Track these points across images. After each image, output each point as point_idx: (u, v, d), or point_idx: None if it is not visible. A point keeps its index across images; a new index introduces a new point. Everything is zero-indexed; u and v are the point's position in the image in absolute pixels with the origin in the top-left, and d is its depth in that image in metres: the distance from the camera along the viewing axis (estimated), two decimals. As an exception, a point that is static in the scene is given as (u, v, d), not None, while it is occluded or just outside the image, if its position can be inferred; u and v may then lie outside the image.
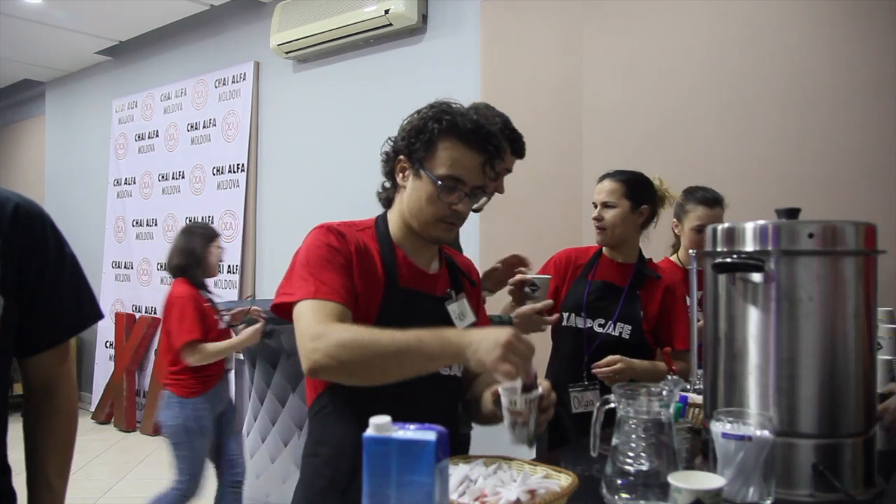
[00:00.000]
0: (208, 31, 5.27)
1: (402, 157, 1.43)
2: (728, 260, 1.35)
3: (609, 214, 2.24)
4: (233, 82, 5.05)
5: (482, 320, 1.59)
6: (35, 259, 1.19)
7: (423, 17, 3.93)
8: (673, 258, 2.61)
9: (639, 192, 2.27)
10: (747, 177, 2.75)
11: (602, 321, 2.25)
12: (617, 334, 2.24)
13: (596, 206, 2.27)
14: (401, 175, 1.45)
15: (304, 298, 1.30)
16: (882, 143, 2.49)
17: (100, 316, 1.33)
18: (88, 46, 5.93)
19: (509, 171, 2.04)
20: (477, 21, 3.69)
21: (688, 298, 2.39)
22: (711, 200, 2.52)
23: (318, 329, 1.25)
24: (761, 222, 1.34)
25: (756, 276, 1.32)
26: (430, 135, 1.39)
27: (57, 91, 6.92)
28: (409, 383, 1.26)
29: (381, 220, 1.49)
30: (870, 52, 2.51)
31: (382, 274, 1.39)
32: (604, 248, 2.33)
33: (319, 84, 4.44)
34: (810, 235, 1.30)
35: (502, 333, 1.15)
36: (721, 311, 1.41)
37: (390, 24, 3.91)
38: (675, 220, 2.60)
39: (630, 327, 2.24)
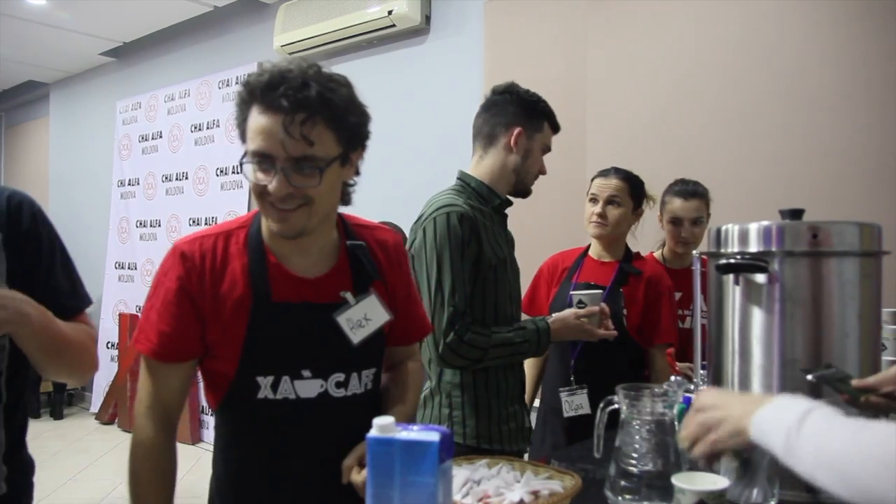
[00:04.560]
0: (212, 32, 5.28)
1: None
2: (732, 261, 1.34)
3: (615, 212, 2.26)
4: (236, 83, 5.04)
5: (411, 308, 1.39)
6: (30, 247, 1.25)
7: (427, 18, 3.93)
8: (657, 254, 2.56)
9: (639, 194, 2.31)
10: (751, 177, 2.74)
11: None
12: None
13: (597, 201, 2.28)
14: None
15: (143, 353, 1.23)
16: (886, 144, 2.48)
17: (90, 300, 1.36)
18: (92, 48, 5.94)
19: (548, 148, 1.94)
20: (480, 21, 3.69)
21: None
22: (688, 193, 2.44)
23: (137, 410, 1.24)
24: (765, 223, 1.34)
25: (760, 277, 1.32)
26: (239, 111, 1.20)
27: (61, 92, 6.93)
28: (295, 411, 1.21)
29: (256, 219, 1.26)
30: (873, 52, 2.50)
31: (247, 289, 1.19)
32: (590, 249, 2.36)
33: (323, 85, 4.44)
34: (814, 236, 1.30)
35: None
36: (725, 312, 1.40)
37: (393, 25, 3.91)
38: (659, 214, 2.53)
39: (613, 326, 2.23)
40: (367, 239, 1.33)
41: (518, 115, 1.86)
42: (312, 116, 1.10)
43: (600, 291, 2.02)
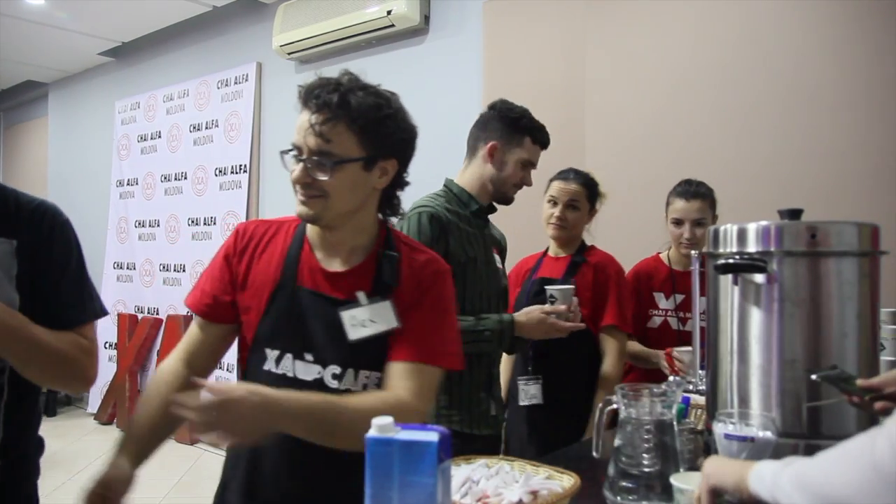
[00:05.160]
0: (211, 32, 5.27)
1: None
2: (731, 261, 1.35)
3: (573, 216, 2.40)
4: (235, 83, 5.05)
5: (414, 327, 1.32)
6: (42, 255, 1.32)
7: (426, 18, 3.93)
8: (662, 256, 2.55)
9: (594, 195, 2.44)
10: (750, 177, 2.74)
11: None
12: None
13: (556, 203, 2.39)
14: None
15: (187, 305, 1.41)
16: (885, 144, 2.48)
17: (98, 314, 1.40)
18: (91, 47, 5.93)
19: (531, 163, 2.04)
20: (479, 22, 3.69)
21: (660, 294, 2.49)
22: (689, 193, 2.42)
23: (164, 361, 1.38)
24: (764, 223, 1.34)
25: (759, 277, 1.32)
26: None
27: (60, 92, 6.93)
28: (293, 388, 1.23)
29: None
30: (873, 52, 2.50)
31: (278, 269, 1.34)
32: (549, 248, 2.48)
33: (322, 85, 4.44)
34: (813, 236, 1.30)
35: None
36: (723, 312, 1.40)
37: (392, 25, 3.91)
38: (665, 215, 2.52)
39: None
40: (404, 254, 1.37)
41: (498, 129, 2.01)
42: (335, 118, 1.25)
43: (572, 287, 2.08)
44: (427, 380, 1.29)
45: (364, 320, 1.29)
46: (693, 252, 1.63)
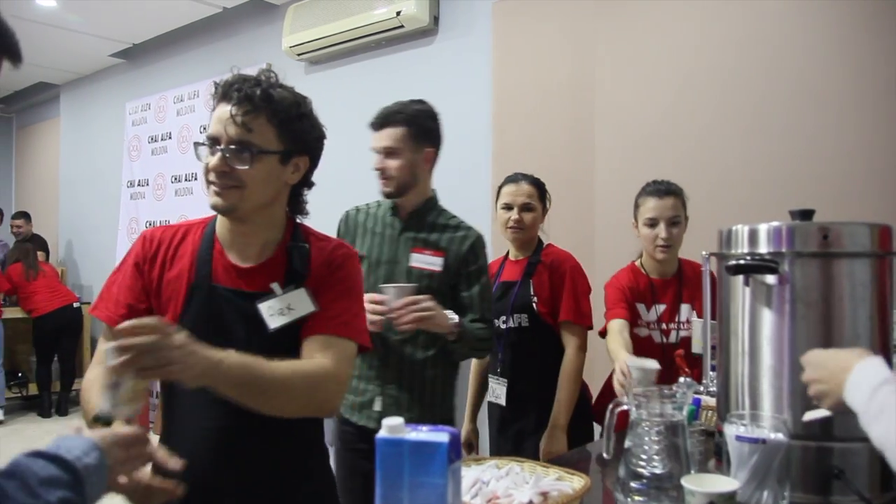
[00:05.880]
0: (221, 33, 5.29)
1: None
2: (742, 262, 1.34)
3: (529, 217, 2.43)
4: (245, 84, 5.07)
5: (330, 309, 1.37)
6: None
7: (435, 19, 3.93)
8: (637, 264, 2.40)
9: (544, 195, 2.50)
10: (760, 178, 2.73)
11: (504, 317, 2.42)
12: (516, 325, 2.41)
13: (511, 208, 2.43)
14: None
15: (101, 319, 1.39)
16: (893, 144, 2.46)
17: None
18: (102, 49, 5.97)
19: (377, 150, 2.04)
20: (488, 22, 3.69)
21: (651, 297, 2.41)
22: (662, 191, 2.28)
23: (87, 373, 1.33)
24: (775, 224, 1.34)
25: (770, 278, 1.31)
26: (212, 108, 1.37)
27: (71, 93, 6.98)
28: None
29: (216, 217, 1.45)
30: (880, 52, 2.48)
31: (191, 271, 1.36)
32: (509, 251, 2.53)
33: (331, 86, 4.45)
34: (825, 237, 1.29)
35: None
36: (734, 313, 1.40)
37: (402, 26, 3.91)
38: (633, 221, 2.37)
39: (525, 315, 2.41)
40: (312, 245, 1.42)
41: None
42: (256, 110, 1.29)
43: (413, 285, 1.93)
44: (343, 351, 1.33)
45: (282, 308, 1.33)
46: (703, 252, 1.61)
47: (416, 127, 2.03)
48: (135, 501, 1.05)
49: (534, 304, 2.40)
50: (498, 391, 2.43)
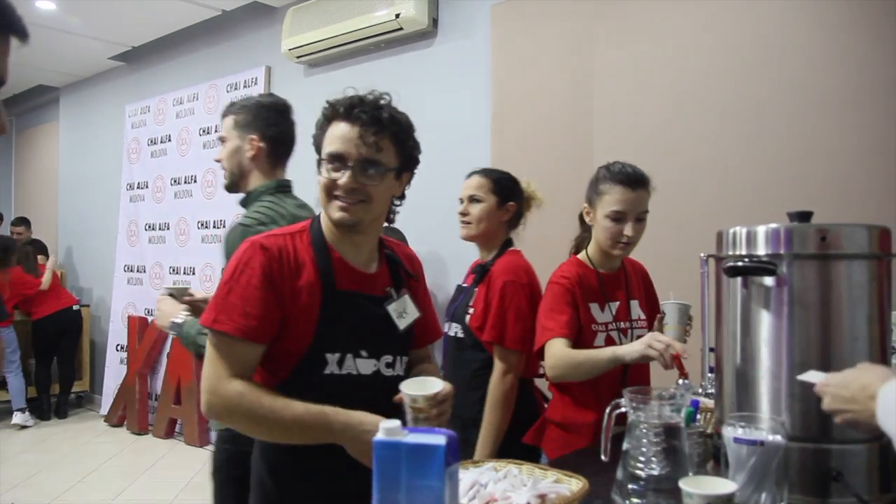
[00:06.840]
0: (220, 36, 5.30)
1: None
2: (740, 263, 1.34)
3: (475, 209, 2.28)
4: (244, 87, 5.07)
5: (428, 313, 1.61)
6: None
7: (434, 21, 3.93)
8: (582, 257, 2.07)
9: (506, 189, 2.31)
10: (759, 179, 2.73)
11: (449, 324, 2.34)
12: (453, 335, 2.31)
13: (462, 202, 2.31)
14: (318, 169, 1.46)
15: (213, 329, 1.34)
16: (893, 146, 2.46)
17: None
18: (102, 52, 5.98)
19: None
20: (487, 24, 3.69)
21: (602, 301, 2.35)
22: (634, 180, 1.92)
23: (213, 383, 1.34)
24: (773, 225, 1.33)
25: (768, 280, 1.31)
26: (320, 125, 1.45)
27: (71, 96, 6.98)
28: (356, 385, 1.40)
29: (316, 222, 1.48)
30: (880, 54, 2.49)
31: (318, 279, 1.39)
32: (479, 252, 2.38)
33: (330, 88, 4.41)
34: (823, 239, 1.29)
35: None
36: (733, 315, 1.40)
37: (401, 28, 3.92)
38: (586, 204, 2.06)
39: (459, 326, 2.28)
40: (397, 251, 1.58)
41: None
42: (383, 130, 1.39)
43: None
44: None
45: (400, 312, 1.48)
46: (701, 254, 1.60)
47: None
48: None
49: (467, 316, 2.23)
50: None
